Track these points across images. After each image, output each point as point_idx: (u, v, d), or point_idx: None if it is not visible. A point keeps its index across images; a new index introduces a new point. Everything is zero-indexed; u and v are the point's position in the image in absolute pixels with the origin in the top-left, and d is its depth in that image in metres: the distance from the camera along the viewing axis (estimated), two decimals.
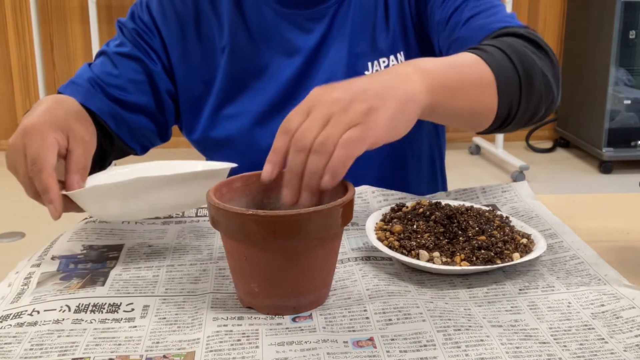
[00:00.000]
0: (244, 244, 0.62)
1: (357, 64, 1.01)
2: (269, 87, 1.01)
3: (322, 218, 0.61)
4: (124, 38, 1.01)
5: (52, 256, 0.76)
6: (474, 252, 0.72)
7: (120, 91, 0.97)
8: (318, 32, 1.01)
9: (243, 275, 0.64)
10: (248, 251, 0.62)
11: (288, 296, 0.63)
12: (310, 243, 0.62)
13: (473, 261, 0.71)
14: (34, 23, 3.57)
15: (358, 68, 1.02)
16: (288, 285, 0.63)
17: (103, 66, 0.99)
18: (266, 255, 0.61)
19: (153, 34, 1.01)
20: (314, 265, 0.63)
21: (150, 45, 1.01)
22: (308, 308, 0.64)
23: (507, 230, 0.77)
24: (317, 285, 0.65)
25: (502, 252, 0.72)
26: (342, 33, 1.02)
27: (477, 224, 0.77)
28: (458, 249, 0.72)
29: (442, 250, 0.72)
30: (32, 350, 0.58)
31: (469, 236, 0.74)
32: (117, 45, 1.01)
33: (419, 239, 0.74)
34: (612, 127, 3.64)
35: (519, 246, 0.74)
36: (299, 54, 1.01)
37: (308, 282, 0.64)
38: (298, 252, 0.61)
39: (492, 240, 0.74)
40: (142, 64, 0.99)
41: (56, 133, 0.77)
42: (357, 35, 1.02)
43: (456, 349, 0.58)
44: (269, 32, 1.01)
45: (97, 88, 0.96)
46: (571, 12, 4.01)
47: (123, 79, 0.98)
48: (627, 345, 0.59)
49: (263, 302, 0.64)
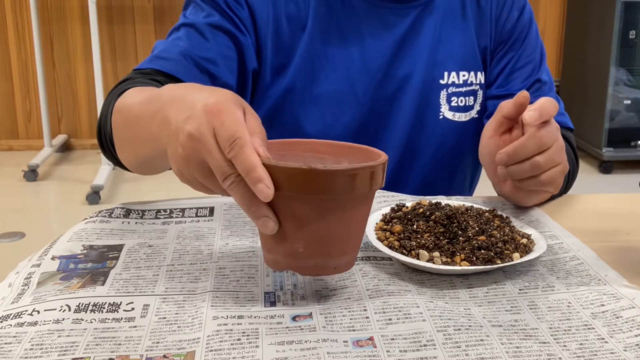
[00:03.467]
0: (297, 201, 0.61)
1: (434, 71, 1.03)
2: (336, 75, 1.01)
3: (369, 174, 0.61)
4: (211, 9, 0.97)
5: (52, 256, 0.76)
6: (474, 252, 0.72)
7: (211, 64, 0.94)
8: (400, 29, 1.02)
9: (286, 236, 0.63)
10: (300, 208, 0.61)
11: (331, 255, 0.64)
12: (357, 199, 0.62)
13: (473, 261, 0.71)
14: (34, 23, 3.58)
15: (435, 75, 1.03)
16: (334, 243, 0.63)
17: (191, 38, 0.95)
18: (316, 212, 0.61)
19: (242, 5, 0.98)
20: (356, 223, 0.64)
21: (240, 17, 0.97)
22: (346, 268, 0.66)
23: (507, 230, 0.77)
24: (356, 244, 0.66)
25: (502, 252, 0.72)
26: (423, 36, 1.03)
27: (477, 224, 0.77)
28: (458, 249, 0.72)
29: (442, 250, 0.72)
30: (32, 350, 0.58)
31: (469, 236, 0.74)
32: (206, 17, 0.96)
33: (419, 239, 0.74)
34: (612, 127, 3.64)
35: (519, 246, 0.74)
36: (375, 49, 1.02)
37: (350, 241, 0.65)
38: (346, 207, 0.62)
39: (492, 240, 0.74)
40: (232, 37, 0.96)
41: (238, 109, 0.64)
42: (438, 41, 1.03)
43: (456, 349, 0.58)
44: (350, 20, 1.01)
45: (190, 60, 0.93)
46: (571, 12, 4.01)
47: (214, 51, 0.95)
48: (627, 344, 0.59)
49: (305, 263, 0.64)
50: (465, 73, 1.05)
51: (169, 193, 3.31)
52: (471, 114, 1.06)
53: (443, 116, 1.05)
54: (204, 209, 0.90)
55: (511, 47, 1.07)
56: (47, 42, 3.89)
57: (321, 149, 0.71)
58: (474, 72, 1.05)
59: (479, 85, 1.06)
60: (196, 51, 0.94)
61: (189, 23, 0.97)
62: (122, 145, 0.84)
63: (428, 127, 1.05)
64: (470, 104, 1.06)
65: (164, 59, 0.93)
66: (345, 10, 1.01)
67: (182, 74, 0.92)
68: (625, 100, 3.64)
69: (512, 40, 1.07)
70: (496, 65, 1.07)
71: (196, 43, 0.95)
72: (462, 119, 1.06)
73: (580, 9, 3.90)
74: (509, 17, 1.07)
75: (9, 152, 3.99)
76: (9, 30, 3.87)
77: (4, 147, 4.02)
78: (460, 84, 1.05)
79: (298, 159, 0.70)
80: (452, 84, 1.04)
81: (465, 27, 1.05)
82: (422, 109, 1.04)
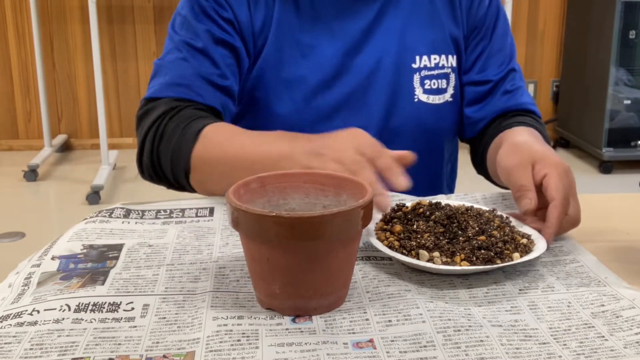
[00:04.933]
0: (265, 245, 0.61)
1: (405, 55, 1.06)
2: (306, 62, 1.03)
3: (343, 220, 0.61)
4: (202, 23, 0.99)
5: (52, 256, 0.76)
6: (474, 252, 0.72)
7: (222, 79, 0.98)
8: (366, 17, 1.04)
9: (264, 277, 0.64)
10: (270, 252, 0.61)
11: (309, 297, 0.63)
12: (332, 244, 0.62)
13: (473, 261, 0.71)
14: (34, 23, 3.58)
15: (406, 59, 1.06)
16: (309, 286, 0.63)
17: (196, 58, 0.98)
18: (288, 256, 0.61)
19: (225, 8, 1.00)
20: (335, 267, 0.63)
21: (228, 21, 1.00)
22: (329, 309, 0.64)
23: (507, 230, 0.77)
24: (338, 286, 0.65)
25: (502, 252, 0.72)
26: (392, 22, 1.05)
27: (477, 224, 0.77)
28: (458, 249, 0.72)
29: (442, 250, 0.72)
30: (32, 350, 0.58)
31: (468, 236, 0.74)
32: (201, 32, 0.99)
33: (418, 239, 0.74)
34: (612, 127, 3.64)
35: (519, 246, 0.74)
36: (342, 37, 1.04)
37: (329, 283, 0.64)
38: (320, 253, 0.61)
39: (492, 240, 0.74)
40: (229, 46, 0.99)
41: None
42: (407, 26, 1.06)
43: (456, 349, 0.58)
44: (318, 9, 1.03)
45: (205, 81, 0.96)
46: (571, 12, 4.01)
47: (221, 65, 0.98)
48: (627, 342, 0.59)
49: (284, 304, 0.64)
50: (437, 56, 1.08)
51: (169, 193, 3.31)
52: (445, 97, 1.09)
53: (418, 99, 1.07)
54: (204, 209, 0.90)
55: (485, 34, 1.11)
56: (47, 42, 3.89)
57: (322, 180, 0.71)
58: (445, 56, 1.08)
59: (451, 69, 1.09)
60: (205, 69, 0.97)
61: (189, 44, 0.99)
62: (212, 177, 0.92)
63: (404, 110, 1.07)
64: (443, 86, 1.09)
65: (183, 86, 0.97)
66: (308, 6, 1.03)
67: (204, 97, 0.96)
68: (625, 100, 3.64)
69: (485, 27, 1.11)
70: (472, 52, 1.11)
71: (202, 62, 0.98)
72: (436, 102, 1.09)
73: (580, 9, 3.90)
74: (480, 4, 1.11)
75: (9, 152, 3.99)
76: (9, 30, 3.87)
77: (4, 147, 4.02)
78: (432, 67, 1.08)
79: (300, 190, 0.71)
80: (424, 67, 1.07)
81: (434, 12, 1.08)
82: (396, 93, 1.07)
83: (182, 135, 0.93)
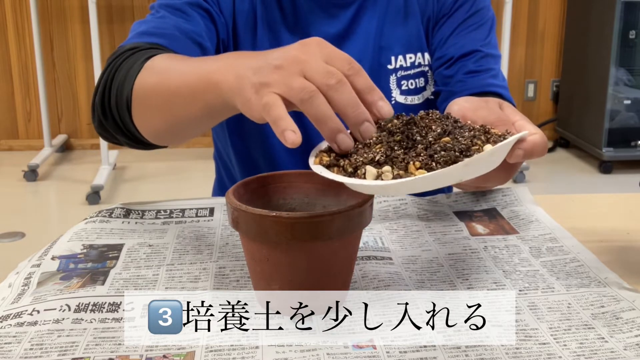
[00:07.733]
0: (265, 245, 0.61)
1: (380, 56, 1.04)
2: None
3: (343, 220, 0.60)
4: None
5: (52, 256, 0.76)
6: (433, 157, 0.58)
7: (200, 37, 0.95)
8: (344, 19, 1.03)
9: (264, 277, 0.64)
10: (270, 252, 0.61)
11: (309, 297, 0.63)
12: (332, 244, 0.62)
13: (432, 167, 0.57)
14: (34, 23, 3.58)
15: (382, 60, 1.04)
16: (310, 286, 0.63)
17: (176, 15, 0.96)
18: (288, 256, 0.61)
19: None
20: (335, 267, 0.63)
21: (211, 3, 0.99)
22: (329, 309, 0.64)
23: (481, 130, 0.63)
24: (338, 286, 0.65)
25: (468, 149, 0.58)
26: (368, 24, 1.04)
27: (441, 127, 0.62)
28: (412, 157, 0.58)
29: (395, 162, 0.58)
30: (32, 350, 0.58)
31: (429, 141, 0.60)
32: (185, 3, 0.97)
33: (367, 153, 0.59)
34: (612, 127, 3.64)
35: (492, 137, 0.61)
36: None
37: (330, 283, 0.64)
38: (320, 253, 0.61)
39: (458, 140, 0.60)
40: (209, 13, 0.98)
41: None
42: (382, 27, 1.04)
43: (456, 350, 0.58)
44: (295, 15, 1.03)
45: (184, 34, 0.94)
46: (571, 12, 4.01)
47: (200, 25, 0.96)
48: (627, 344, 0.59)
49: (284, 304, 0.64)
50: (412, 55, 1.06)
51: (169, 193, 3.31)
52: (425, 96, 1.08)
53: (395, 101, 1.06)
54: (204, 209, 0.90)
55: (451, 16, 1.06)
56: (47, 42, 3.89)
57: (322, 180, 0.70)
58: (420, 53, 1.06)
59: (428, 66, 1.08)
60: (185, 25, 0.95)
61: (167, 4, 0.97)
62: (151, 109, 0.81)
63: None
64: (421, 85, 1.07)
65: (158, 35, 0.92)
66: (290, 7, 1.03)
67: (180, 48, 0.91)
68: (625, 100, 3.64)
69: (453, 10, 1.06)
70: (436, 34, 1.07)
71: (182, 19, 0.96)
72: (415, 102, 1.07)
73: (580, 9, 3.90)
74: None
75: (9, 152, 3.99)
76: (9, 30, 3.87)
77: (4, 147, 4.02)
78: (408, 66, 1.06)
79: (300, 190, 0.71)
80: (400, 67, 1.06)
81: (409, 10, 1.06)
82: None
83: (130, 67, 0.85)
